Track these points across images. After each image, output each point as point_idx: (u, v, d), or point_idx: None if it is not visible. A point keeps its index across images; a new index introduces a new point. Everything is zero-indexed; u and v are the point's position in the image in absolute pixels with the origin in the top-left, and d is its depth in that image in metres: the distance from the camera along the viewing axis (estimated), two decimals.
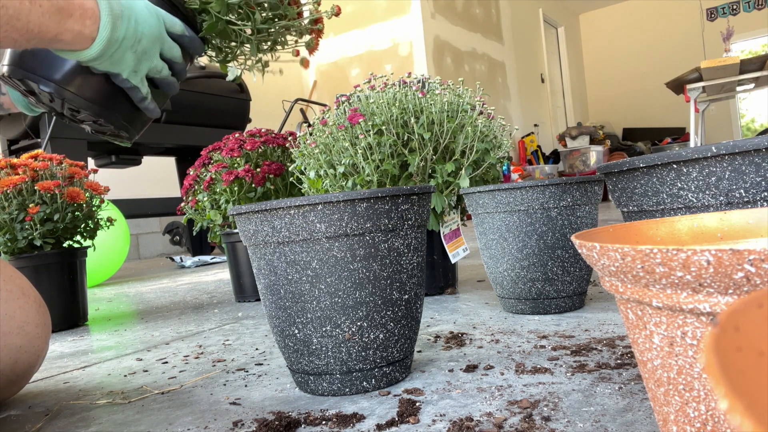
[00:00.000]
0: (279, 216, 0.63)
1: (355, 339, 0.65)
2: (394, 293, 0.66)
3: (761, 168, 0.48)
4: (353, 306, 0.64)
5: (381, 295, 0.65)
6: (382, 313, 0.65)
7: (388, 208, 0.64)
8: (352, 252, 0.63)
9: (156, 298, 1.88)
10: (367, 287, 0.64)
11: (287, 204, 0.62)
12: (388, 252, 0.65)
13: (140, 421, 0.64)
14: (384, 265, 0.65)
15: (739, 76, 3.59)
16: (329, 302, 0.64)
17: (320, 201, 0.61)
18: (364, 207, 0.62)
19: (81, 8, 0.56)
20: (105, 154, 3.32)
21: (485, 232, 1.01)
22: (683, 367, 0.31)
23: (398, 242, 0.66)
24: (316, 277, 0.64)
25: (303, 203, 0.61)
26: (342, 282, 0.64)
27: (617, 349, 0.73)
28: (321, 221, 0.62)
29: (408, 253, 0.67)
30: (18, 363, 0.71)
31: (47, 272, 1.38)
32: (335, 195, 0.61)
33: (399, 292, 0.67)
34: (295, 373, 0.70)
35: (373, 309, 0.65)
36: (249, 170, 1.44)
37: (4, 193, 1.33)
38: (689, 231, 0.42)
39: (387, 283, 0.65)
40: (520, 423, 0.52)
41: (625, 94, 8.71)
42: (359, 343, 0.65)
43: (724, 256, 0.26)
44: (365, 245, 0.64)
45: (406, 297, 0.68)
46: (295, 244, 0.64)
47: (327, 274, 0.63)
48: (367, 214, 0.63)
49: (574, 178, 0.93)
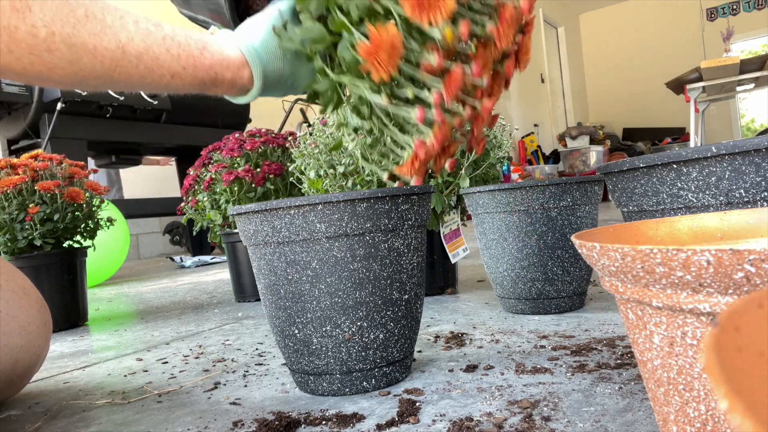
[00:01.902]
0: (279, 216, 0.63)
1: (355, 339, 0.65)
2: (394, 293, 0.66)
3: (761, 168, 0.48)
4: (353, 306, 0.64)
5: (381, 295, 0.65)
6: (382, 313, 0.65)
7: (388, 208, 0.64)
8: (352, 252, 0.63)
9: (156, 298, 1.88)
10: (367, 287, 0.64)
11: (287, 204, 0.62)
12: (388, 252, 0.65)
13: (140, 421, 0.64)
14: (384, 265, 0.65)
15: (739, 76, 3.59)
16: (329, 302, 0.64)
17: (320, 201, 0.61)
18: (364, 207, 0.62)
19: (231, 81, 0.60)
20: (105, 154, 3.32)
21: (485, 232, 1.01)
22: (683, 367, 0.31)
23: (398, 242, 0.66)
24: (316, 277, 0.64)
25: (303, 203, 0.61)
26: (342, 282, 0.64)
27: (617, 349, 0.73)
28: (321, 221, 0.62)
29: (408, 253, 0.67)
30: (19, 363, 0.71)
31: (47, 272, 1.38)
32: (335, 195, 0.61)
33: (399, 292, 0.67)
34: (295, 372, 0.70)
35: (373, 309, 0.65)
36: (249, 170, 1.44)
37: (4, 193, 1.33)
38: (689, 231, 0.42)
39: (387, 283, 0.65)
40: (520, 423, 0.52)
41: (625, 94, 8.71)
42: (359, 343, 0.65)
43: (724, 256, 0.26)
44: (365, 245, 0.64)
45: (406, 297, 0.68)
46: (295, 244, 0.64)
47: (327, 274, 0.63)
48: (367, 214, 0.62)
49: (574, 178, 0.93)
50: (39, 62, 0.48)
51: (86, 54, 0.50)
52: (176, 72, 0.55)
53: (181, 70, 0.55)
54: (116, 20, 0.52)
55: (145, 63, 0.53)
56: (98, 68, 0.51)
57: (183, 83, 0.57)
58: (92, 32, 0.50)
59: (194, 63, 0.56)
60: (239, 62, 0.59)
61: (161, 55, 0.54)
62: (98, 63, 0.51)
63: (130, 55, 0.52)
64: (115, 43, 0.51)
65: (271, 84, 0.62)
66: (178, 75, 0.56)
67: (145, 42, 0.53)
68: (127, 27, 0.52)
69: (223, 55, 0.58)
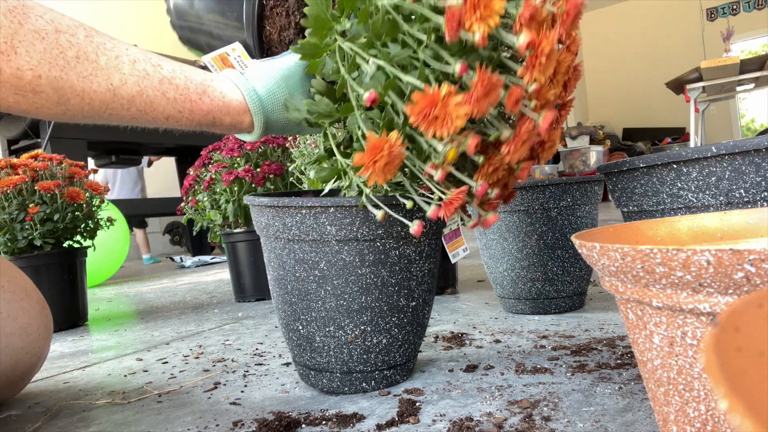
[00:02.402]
0: (291, 214, 0.63)
1: (357, 342, 0.64)
2: (401, 300, 0.65)
3: (761, 168, 0.48)
4: (358, 310, 0.63)
5: (387, 302, 0.64)
6: (387, 319, 0.65)
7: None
8: (361, 257, 0.62)
9: (156, 298, 1.88)
10: (373, 293, 0.63)
11: (299, 204, 0.61)
12: (398, 259, 0.64)
13: (140, 421, 0.64)
14: (393, 272, 0.64)
15: (739, 76, 3.58)
16: (334, 304, 0.63)
17: (332, 204, 0.60)
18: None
19: (230, 125, 0.59)
20: (105, 154, 3.32)
21: (485, 232, 1.01)
22: (683, 367, 0.31)
23: (410, 249, 0.64)
24: (323, 278, 0.63)
25: (315, 204, 0.61)
26: (349, 286, 0.63)
27: (617, 349, 0.73)
28: (332, 224, 0.61)
29: (419, 261, 0.66)
30: (19, 364, 0.71)
31: (47, 272, 1.38)
32: (348, 199, 0.60)
33: (406, 299, 0.65)
34: (298, 365, 0.70)
35: (378, 315, 0.64)
36: (249, 170, 1.44)
37: (4, 193, 1.33)
38: (689, 231, 0.42)
39: (395, 290, 0.64)
40: (520, 423, 0.52)
41: (625, 94, 8.71)
42: (361, 346, 0.65)
43: (724, 256, 0.26)
44: (375, 251, 0.62)
45: (414, 304, 0.66)
46: (305, 243, 0.63)
47: (334, 276, 0.63)
48: (380, 221, 0.61)
49: (574, 178, 0.93)
50: (24, 102, 0.47)
51: (74, 97, 0.48)
52: (171, 115, 0.54)
53: (176, 113, 0.54)
54: (111, 61, 0.50)
55: (138, 106, 0.52)
56: (87, 109, 0.50)
57: (179, 125, 0.56)
58: (82, 75, 0.48)
59: (191, 108, 0.55)
60: (240, 108, 0.58)
61: (156, 99, 0.53)
62: (86, 105, 0.49)
63: (121, 98, 0.51)
64: (106, 86, 0.49)
65: (275, 130, 0.62)
66: (173, 118, 0.55)
67: (140, 86, 0.51)
68: (122, 69, 0.50)
69: (224, 101, 0.57)
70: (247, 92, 0.59)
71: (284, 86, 0.60)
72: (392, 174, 0.48)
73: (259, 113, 0.59)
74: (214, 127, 0.58)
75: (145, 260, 4.13)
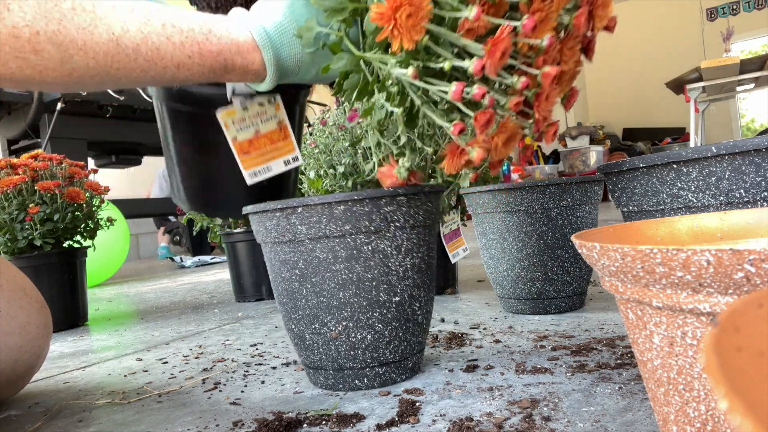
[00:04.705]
0: (268, 218, 0.65)
1: (341, 338, 0.65)
2: (381, 295, 0.65)
3: (761, 168, 0.48)
4: (338, 306, 0.65)
5: (366, 297, 0.65)
6: (368, 315, 0.65)
7: (369, 210, 0.63)
8: (333, 253, 0.64)
9: (156, 298, 1.88)
10: (350, 288, 0.64)
11: (273, 207, 0.64)
12: (372, 254, 0.64)
13: (140, 421, 0.64)
14: (368, 267, 0.64)
15: (739, 76, 3.58)
16: (315, 301, 0.65)
17: (299, 204, 0.62)
18: (342, 210, 0.62)
19: (242, 67, 0.55)
20: (105, 154, 3.33)
21: (485, 232, 1.01)
22: (683, 367, 0.31)
23: (384, 244, 0.65)
24: (303, 277, 0.65)
25: (284, 206, 0.63)
26: (326, 282, 0.65)
27: (617, 349, 0.73)
28: (302, 223, 0.63)
29: (398, 255, 0.66)
30: (19, 363, 0.71)
31: (47, 272, 1.38)
32: (312, 198, 0.62)
33: (387, 294, 0.66)
34: (302, 364, 0.73)
35: (358, 310, 0.65)
36: None
37: (4, 193, 1.33)
38: (689, 231, 0.42)
39: (372, 284, 0.65)
40: (520, 423, 0.52)
41: (625, 94, 8.70)
42: (347, 342, 0.66)
43: (724, 256, 0.26)
44: (347, 247, 0.63)
45: (397, 299, 0.66)
46: (284, 245, 0.66)
47: (312, 274, 0.65)
48: (345, 217, 0.62)
49: (574, 178, 0.93)
50: (27, 66, 0.44)
51: (77, 51, 0.45)
52: (181, 62, 0.50)
53: (186, 59, 0.51)
54: (108, 10, 0.47)
55: (144, 55, 0.48)
56: (92, 65, 0.47)
57: (191, 73, 0.52)
58: (81, 26, 0.45)
59: (200, 50, 0.51)
60: (249, 46, 0.54)
61: (162, 44, 0.49)
62: (91, 60, 0.46)
63: (126, 48, 0.47)
64: (108, 36, 0.46)
65: (288, 71, 0.57)
66: (183, 65, 0.51)
67: (142, 32, 0.48)
68: (121, 17, 0.47)
69: (231, 39, 0.53)
70: (254, 28, 0.54)
71: (290, 16, 0.55)
72: (419, 33, 0.40)
73: (268, 49, 0.54)
74: (227, 72, 0.54)
75: (161, 255, 4.44)
